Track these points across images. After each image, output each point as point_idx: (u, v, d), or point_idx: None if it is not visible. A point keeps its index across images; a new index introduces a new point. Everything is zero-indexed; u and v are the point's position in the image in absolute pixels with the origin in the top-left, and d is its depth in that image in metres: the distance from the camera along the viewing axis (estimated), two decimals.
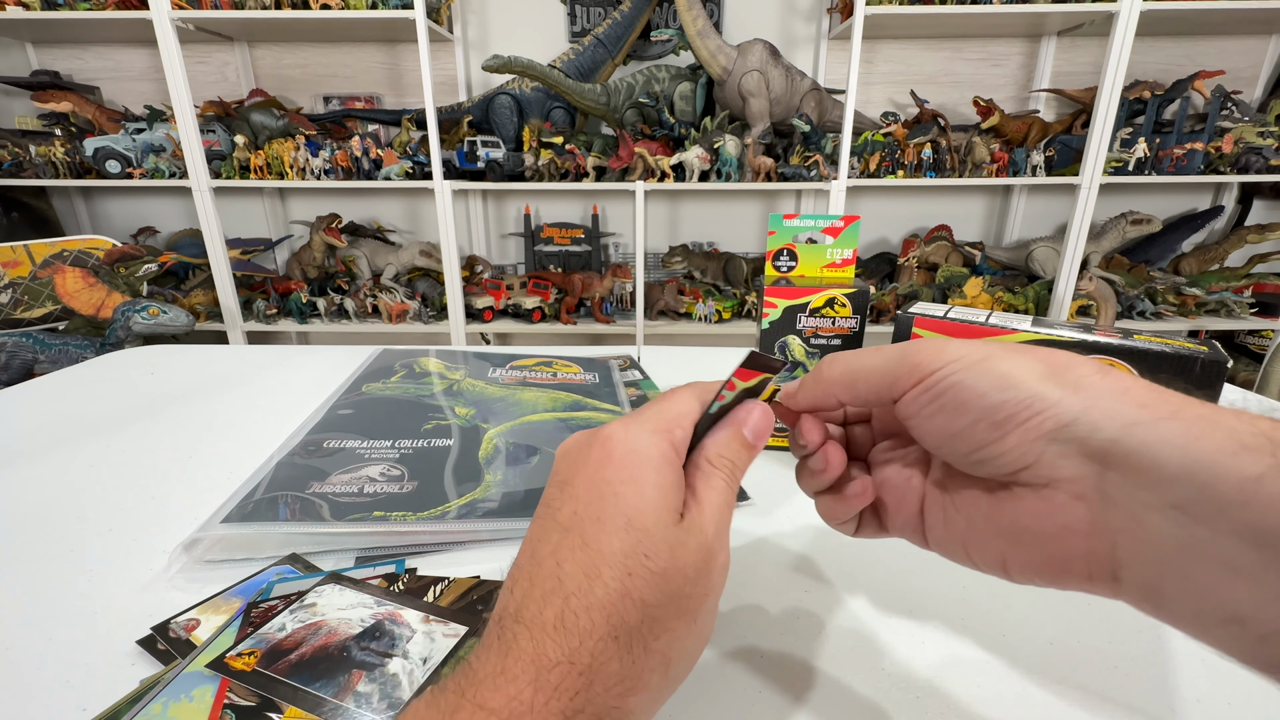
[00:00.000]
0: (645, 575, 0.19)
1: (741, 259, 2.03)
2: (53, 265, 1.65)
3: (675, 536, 0.20)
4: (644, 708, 0.19)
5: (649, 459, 0.21)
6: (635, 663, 0.19)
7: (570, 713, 0.18)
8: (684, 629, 0.20)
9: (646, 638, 0.19)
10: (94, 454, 0.49)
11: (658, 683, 0.19)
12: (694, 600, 0.20)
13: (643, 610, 0.19)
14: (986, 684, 0.28)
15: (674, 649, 0.19)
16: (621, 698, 0.18)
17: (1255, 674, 0.17)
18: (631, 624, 0.19)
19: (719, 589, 0.21)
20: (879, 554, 0.37)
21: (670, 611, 0.19)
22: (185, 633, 0.30)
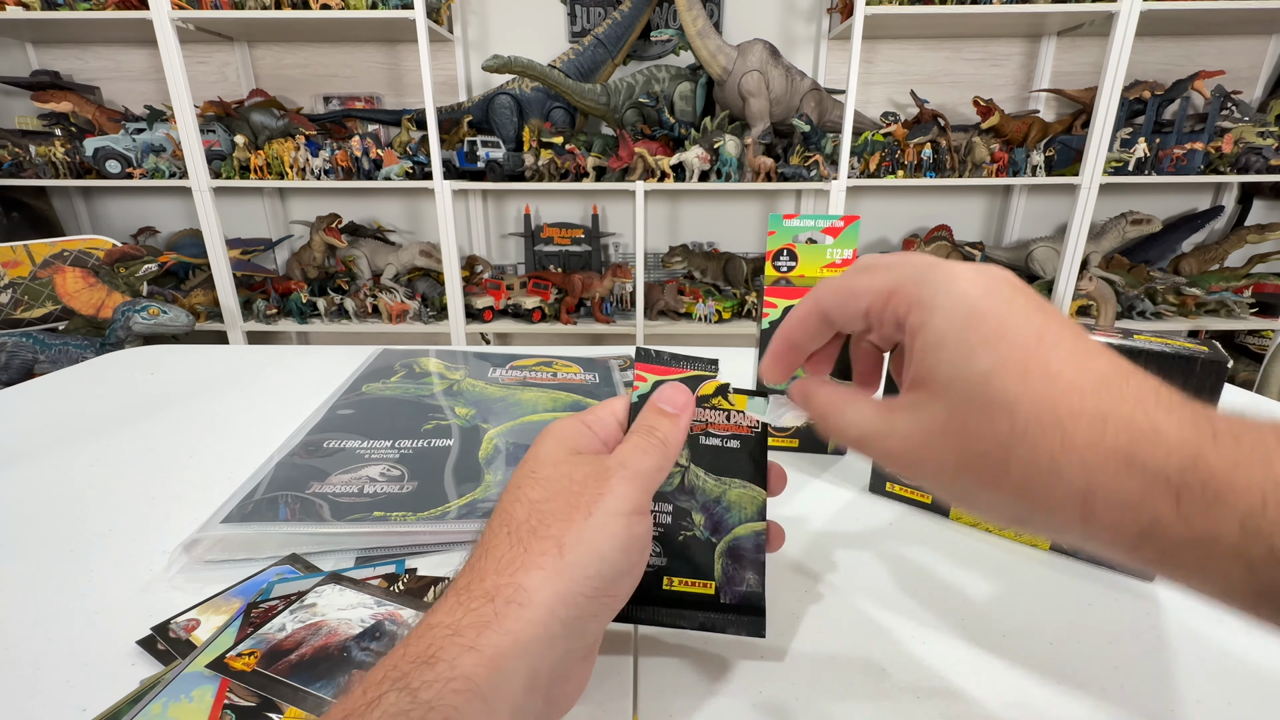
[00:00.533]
0: (531, 483, 0.24)
1: (741, 259, 2.03)
2: (53, 265, 1.65)
3: (562, 457, 0.24)
4: (540, 585, 0.21)
5: (554, 427, 0.26)
6: (525, 546, 0.21)
7: (461, 594, 0.21)
8: (578, 519, 0.22)
9: (535, 526, 0.22)
10: (94, 454, 0.49)
11: (552, 563, 0.21)
12: (585, 496, 0.23)
13: (530, 506, 0.23)
14: (986, 684, 0.28)
15: (568, 536, 0.22)
16: (511, 574, 0.21)
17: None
18: (519, 517, 0.22)
19: (620, 497, 0.23)
20: (879, 554, 0.37)
21: (558, 503, 0.23)
22: (185, 633, 0.30)
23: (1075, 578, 0.35)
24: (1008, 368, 0.18)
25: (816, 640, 0.30)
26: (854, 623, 0.31)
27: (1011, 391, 0.18)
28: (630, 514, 0.23)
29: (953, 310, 0.20)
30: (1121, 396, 0.17)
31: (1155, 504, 0.16)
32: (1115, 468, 0.17)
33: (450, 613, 0.20)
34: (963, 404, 0.19)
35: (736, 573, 0.27)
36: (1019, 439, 0.18)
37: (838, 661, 0.29)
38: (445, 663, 0.18)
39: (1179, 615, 0.32)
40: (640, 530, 0.23)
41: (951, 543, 0.38)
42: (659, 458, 0.25)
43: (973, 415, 0.19)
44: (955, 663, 0.29)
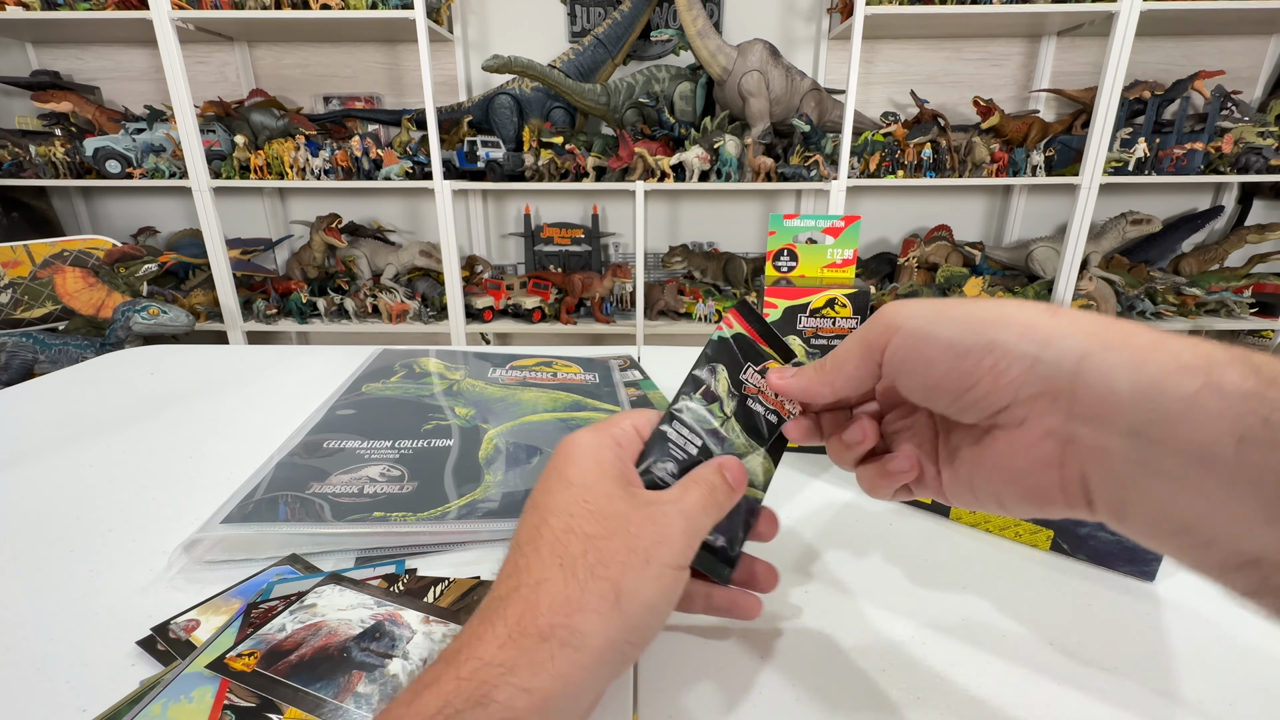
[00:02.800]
0: (585, 514, 0.23)
1: (741, 259, 2.03)
2: (53, 265, 1.65)
3: (614, 490, 0.24)
4: (594, 630, 0.20)
5: (584, 444, 0.25)
6: (580, 586, 0.21)
7: (514, 632, 0.20)
8: (635, 565, 0.22)
9: (592, 565, 0.21)
10: (94, 454, 0.49)
11: (609, 609, 0.21)
12: (642, 541, 0.22)
13: (585, 541, 0.22)
14: (986, 684, 0.28)
15: (625, 581, 0.21)
16: (567, 615, 0.20)
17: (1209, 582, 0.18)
18: (575, 553, 0.22)
19: (675, 549, 0.23)
20: (879, 554, 0.37)
21: (615, 544, 0.22)
22: (185, 633, 0.30)
23: (1075, 578, 0.35)
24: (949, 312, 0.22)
25: (816, 640, 0.30)
26: (854, 622, 0.31)
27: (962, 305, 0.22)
28: (681, 568, 0.23)
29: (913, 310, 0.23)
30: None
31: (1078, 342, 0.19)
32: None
33: (504, 648, 0.20)
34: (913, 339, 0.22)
35: (725, 521, 0.27)
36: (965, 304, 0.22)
37: (837, 661, 0.29)
38: (499, 704, 0.19)
39: (1179, 615, 0.32)
40: (684, 582, 0.24)
41: (951, 543, 0.38)
42: (711, 518, 0.25)
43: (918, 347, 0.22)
44: (955, 663, 0.29)
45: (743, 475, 0.27)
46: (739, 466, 0.27)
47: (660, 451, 0.27)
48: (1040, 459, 0.20)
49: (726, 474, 0.26)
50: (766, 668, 0.29)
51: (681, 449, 0.28)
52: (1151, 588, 0.34)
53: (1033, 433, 0.20)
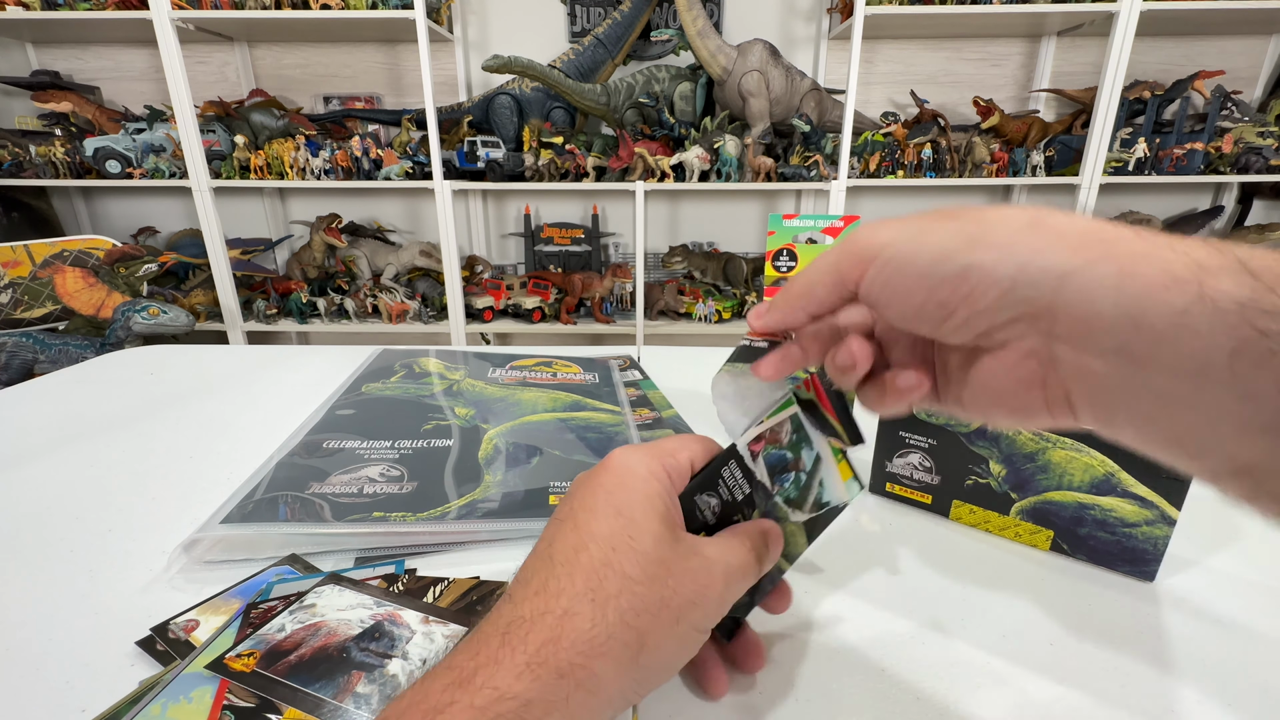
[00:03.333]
0: (629, 552, 0.21)
1: (741, 259, 2.03)
2: (53, 265, 1.65)
3: (661, 530, 0.23)
4: (611, 678, 0.20)
5: (638, 471, 0.24)
6: (608, 627, 0.20)
7: (533, 662, 0.19)
8: (665, 621, 0.21)
9: (624, 609, 0.20)
10: (94, 454, 0.49)
11: (629, 659, 0.20)
12: (678, 598, 0.22)
13: (623, 581, 0.21)
14: (986, 684, 0.28)
15: (651, 635, 0.21)
16: (588, 657, 0.20)
17: (1204, 485, 0.18)
18: (610, 591, 0.21)
19: (707, 612, 0.23)
20: (879, 554, 0.37)
21: (651, 593, 0.21)
22: (184, 634, 0.29)
23: (1075, 578, 0.35)
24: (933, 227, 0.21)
25: (816, 640, 0.30)
26: (853, 623, 0.31)
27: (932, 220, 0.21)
28: (706, 631, 0.23)
29: (895, 229, 0.22)
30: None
31: (1038, 242, 0.18)
32: (1020, 227, 0.19)
33: (520, 678, 0.19)
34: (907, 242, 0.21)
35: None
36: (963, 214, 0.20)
37: (837, 662, 0.29)
38: None
39: (1179, 615, 0.32)
40: (702, 644, 0.24)
41: (951, 543, 0.38)
42: (748, 577, 0.25)
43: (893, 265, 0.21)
44: (955, 663, 0.29)
45: (779, 542, 0.26)
46: (780, 537, 0.26)
47: (709, 484, 0.27)
48: (1023, 379, 0.20)
49: (769, 539, 0.26)
50: (766, 668, 0.29)
51: (730, 490, 0.27)
52: (1151, 588, 0.34)
53: (1014, 354, 0.20)
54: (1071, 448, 0.35)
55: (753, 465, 0.27)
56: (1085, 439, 0.34)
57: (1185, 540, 0.37)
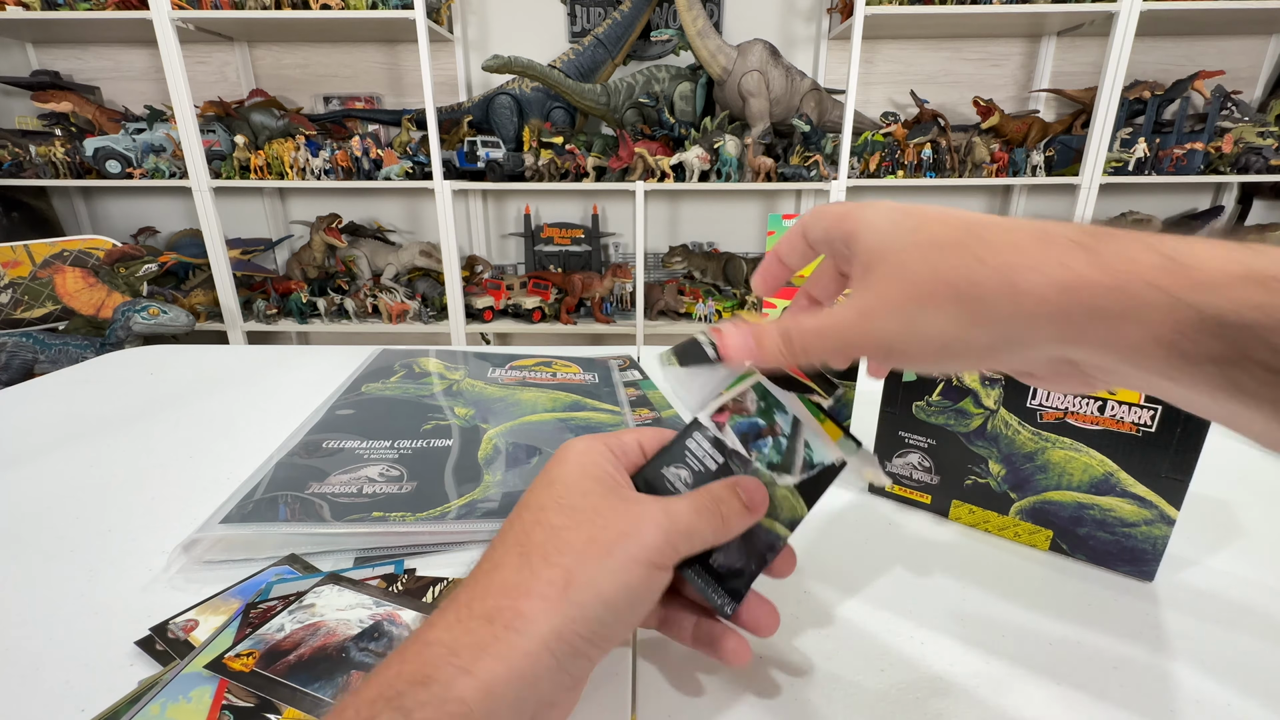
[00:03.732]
0: (555, 508, 0.23)
1: (741, 259, 2.03)
2: (53, 265, 1.65)
3: (590, 486, 0.24)
4: (540, 616, 0.20)
5: (576, 446, 0.26)
6: (533, 572, 0.21)
7: (461, 614, 0.20)
8: (593, 555, 0.22)
9: (549, 553, 0.22)
10: (94, 454, 0.49)
11: (556, 595, 0.21)
12: (608, 533, 0.22)
13: (548, 530, 0.22)
14: (987, 684, 0.28)
15: (579, 571, 0.21)
16: (514, 599, 0.21)
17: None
18: (536, 540, 0.22)
19: (644, 544, 0.22)
20: (879, 554, 0.37)
21: (578, 534, 0.22)
22: (184, 633, 0.29)
23: (1075, 578, 0.35)
24: (930, 220, 0.21)
25: (816, 640, 0.30)
26: (853, 623, 0.31)
27: (934, 231, 0.21)
28: (652, 566, 0.22)
29: (879, 208, 0.23)
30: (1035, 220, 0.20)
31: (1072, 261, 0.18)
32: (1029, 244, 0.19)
33: (449, 629, 0.20)
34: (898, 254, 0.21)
35: (739, 549, 0.26)
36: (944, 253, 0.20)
37: (837, 662, 0.29)
38: (440, 684, 0.19)
39: (1178, 615, 0.32)
40: (658, 584, 0.23)
41: (951, 543, 0.38)
42: (707, 525, 0.24)
43: (906, 256, 0.21)
44: (955, 663, 0.29)
45: (760, 497, 0.26)
46: (758, 487, 0.26)
47: (675, 457, 0.27)
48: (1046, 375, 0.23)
49: (740, 491, 0.25)
50: (765, 668, 0.29)
51: (700, 461, 0.27)
52: (1151, 588, 0.34)
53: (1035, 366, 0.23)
54: (1070, 447, 0.35)
55: (721, 435, 0.27)
56: (1085, 439, 0.34)
57: (1185, 540, 0.37)
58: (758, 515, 0.26)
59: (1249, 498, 0.43)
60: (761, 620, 0.26)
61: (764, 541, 0.26)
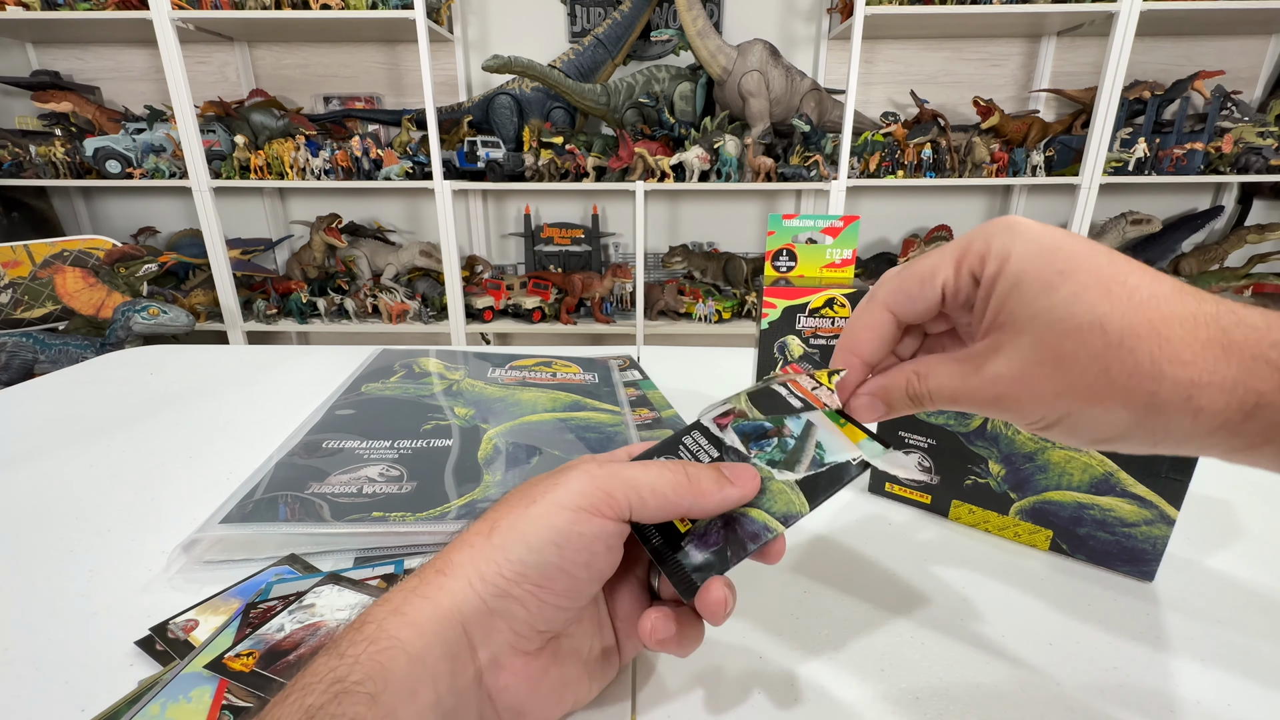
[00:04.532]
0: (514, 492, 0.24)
1: (741, 259, 2.03)
2: (53, 265, 1.65)
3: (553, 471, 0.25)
4: (465, 560, 0.22)
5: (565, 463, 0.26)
6: (469, 529, 0.23)
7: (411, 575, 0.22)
8: (519, 505, 0.23)
9: (488, 513, 0.24)
10: (94, 454, 0.49)
11: (481, 541, 0.22)
12: (537, 489, 0.23)
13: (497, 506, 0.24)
14: (987, 684, 0.28)
15: (503, 519, 0.23)
16: (448, 552, 0.22)
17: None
18: (484, 511, 0.24)
19: (571, 489, 0.23)
20: (879, 554, 0.37)
21: (514, 497, 0.24)
22: (184, 633, 0.29)
23: (1075, 578, 0.35)
24: (1090, 290, 0.19)
25: (815, 641, 0.30)
26: (853, 623, 0.31)
27: (1099, 310, 0.19)
28: (578, 509, 0.22)
29: (1026, 250, 0.20)
30: (1201, 298, 0.19)
31: (1258, 383, 0.17)
32: (1214, 356, 0.18)
33: (394, 589, 0.22)
34: (1050, 331, 0.20)
35: (717, 535, 0.24)
36: (1115, 350, 0.19)
37: (837, 662, 0.29)
38: (374, 624, 0.20)
39: (1179, 615, 0.32)
40: (588, 530, 0.22)
41: (951, 543, 0.38)
42: (662, 479, 0.23)
43: (1065, 338, 0.19)
44: (955, 663, 0.29)
45: (748, 478, 0.24)
46: (748, 469, 0.25)
47: (669, 450, 0.27)
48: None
49: (724, 469, 0.24)
50: (765, 669, 0.29)
51: (693, 455, 0.26)
52: (1151, 588, 0.34)
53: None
54: (1070, 447, 0.35)
55: (720, 434, 0.27)
56: None
57: (1185, 540, 0.37)
58: (742, 489, 0.24)
59: (1249, 498, 0.43)
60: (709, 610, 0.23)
61: (748, 530, 0.24)
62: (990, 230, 0.22)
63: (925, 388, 0.23)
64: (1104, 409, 0.19)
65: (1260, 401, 0.17)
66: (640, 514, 0.23)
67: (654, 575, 0.28)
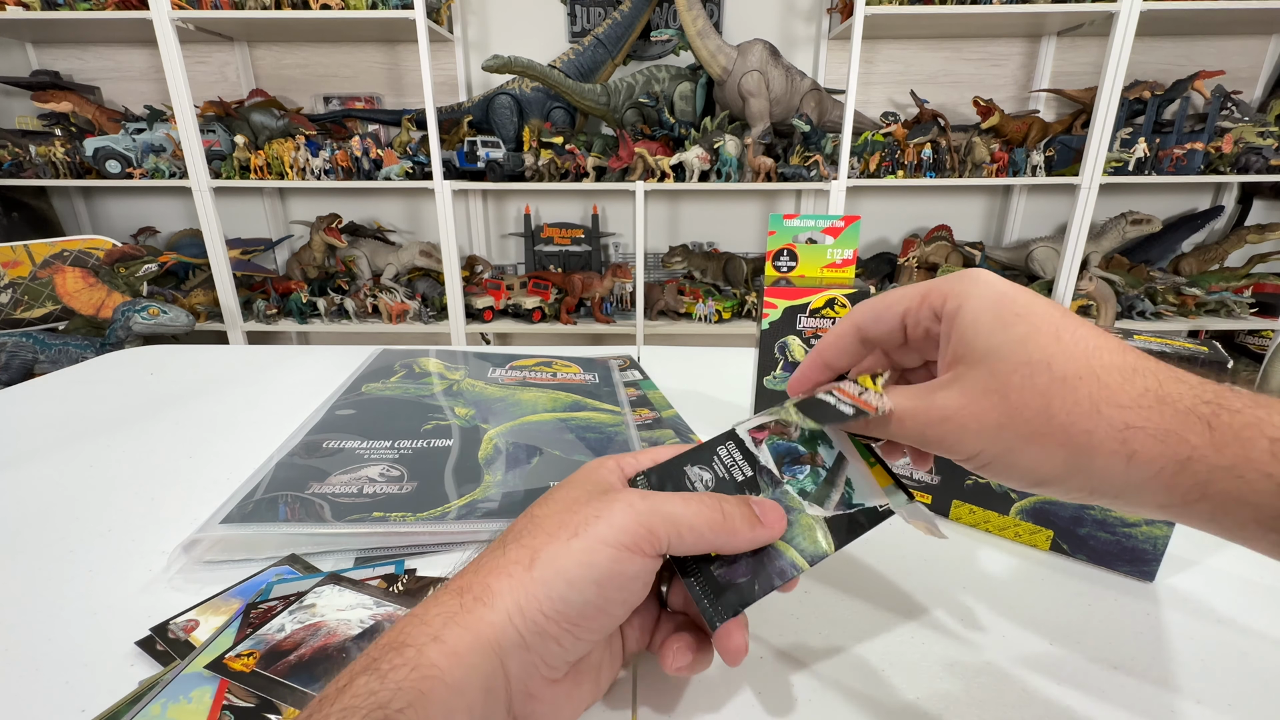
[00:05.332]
0: (542, 503, 0.25)
1: (741, 259, 2.03)
2: (53, 265, 1.65)
3: (578, 481, 0.25)
4: (505, 591, 0.21)
5: (589, 464, 0.27)
6: (505, 554, 0.23)
7: (439, 593, 0.22)
8: (561, 537, 0.22)
9: (522, 537, 0.23)
10: (94, 454, 0.49)
11: (521, 572, 0.22)
12: (578, 517, 0.23)
13: (529, 520, 0.24)
14: (987, 684, 0.28)
15: (544, 550, 0.22)
16: (486, 577, 0.22)
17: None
18: (517, 529, 0.24)
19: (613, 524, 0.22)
20: (879, 554, 0.37)
21: (554, 521, 0.23)
22: (184, 634, 0.29)
23: (1075, 578, 0.35)
24: (1041, 332, 0.21)
25: (815, 641, 0.30)
26: (853, 623, 0.31)
27: (1047, 350, 0.20)
28: (621, 546, 0.22)
29: (985, 294, 0.22)
30: (1141, 356, 0.20)
31: (1190, 435, 0.18)
32: (1150, 405, 0.19)
33: (424, 605, 0.21)
34: (1003, 364, 0.21)
35: (747, 565, 0.24)
36: (1058, 386, 0.20)
37: (836, 662, 0.29)
38: (414, 649, 0.19)
39: (1179, 615, 0.32)
40: (631, 570, 0.22)
41: (951, 543, 0.38)
42: (700, 516, 0.23)
43: (1013, 373, 0.20)
44: (955, 663, 0.29)
45: (776, 515, 0.25)
46: (775, 507, 0.25)
47: (701, 458, 0.26)
48: None
49: (754, 506, 0.25)
50: (766, 669, 0.29)
51: (727, 468, 0.26)
52: (1151, 588, 0.34)
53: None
54: None
55: (755, 449, 0.27)
56: None
57: (1185, 540, 0.37)
58: (771, 530, 0.24)
59: None
60: (730, 647, 0.24)
61: (776, 566, 0.24)
62: (955, 276, 0.23)
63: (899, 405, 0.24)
64: (1041, 448, 0.20)
65: (1192, 455, 0.18)
66: (676, 550, 0.24)
67: (664, 583, 0.28)
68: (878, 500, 0.25)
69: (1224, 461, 0.18)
